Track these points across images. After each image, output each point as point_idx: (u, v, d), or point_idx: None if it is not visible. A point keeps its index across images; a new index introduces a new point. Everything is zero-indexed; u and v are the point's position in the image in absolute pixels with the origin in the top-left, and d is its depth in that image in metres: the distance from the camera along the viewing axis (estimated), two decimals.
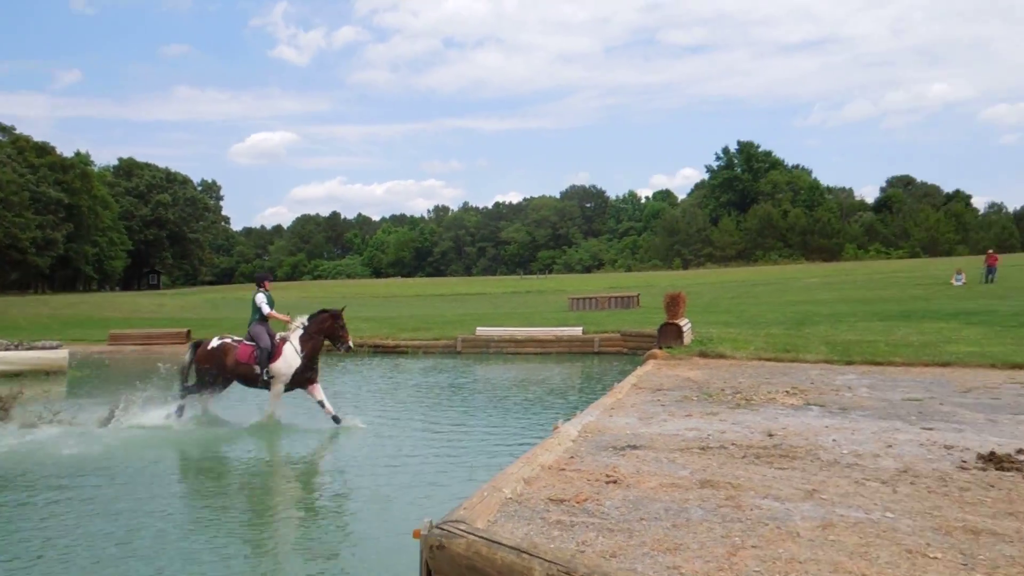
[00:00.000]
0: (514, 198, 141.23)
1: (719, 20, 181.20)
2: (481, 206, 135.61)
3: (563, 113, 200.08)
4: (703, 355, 12.99)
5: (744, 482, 4.85)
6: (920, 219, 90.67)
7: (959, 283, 32.20)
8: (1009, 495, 4.51)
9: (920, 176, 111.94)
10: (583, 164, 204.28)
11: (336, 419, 9.78)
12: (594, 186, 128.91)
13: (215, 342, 10.37)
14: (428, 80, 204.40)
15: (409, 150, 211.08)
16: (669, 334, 14.74)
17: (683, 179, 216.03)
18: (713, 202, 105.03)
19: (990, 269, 31.76)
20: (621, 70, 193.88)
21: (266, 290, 10.61)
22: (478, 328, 20.32)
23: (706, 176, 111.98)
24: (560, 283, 61.83)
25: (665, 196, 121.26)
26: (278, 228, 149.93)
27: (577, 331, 19.67)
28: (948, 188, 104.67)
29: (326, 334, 10.34)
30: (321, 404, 9.99)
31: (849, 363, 11.70)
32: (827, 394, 8.70)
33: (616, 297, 31.74)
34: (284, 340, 10.22)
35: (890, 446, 5.88)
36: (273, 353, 10.06)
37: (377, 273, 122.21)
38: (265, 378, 10.04)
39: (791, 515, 4.18)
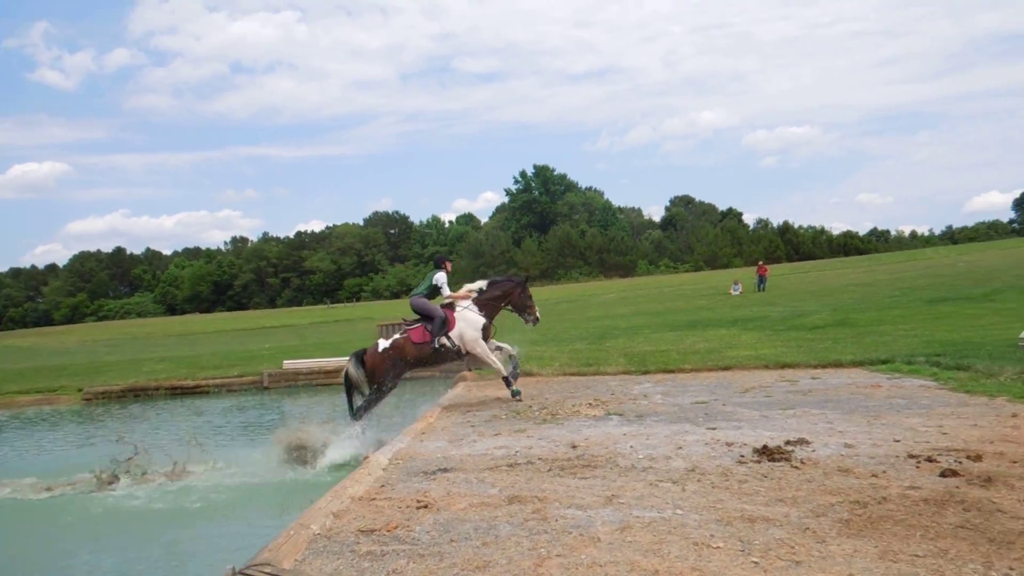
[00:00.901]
0: (316, 226, 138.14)
1: (509, 50, 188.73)
2: (283, 235, 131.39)
3: (362, 140, 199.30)
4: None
5: (550, 494, 5.04)
6: (701, 235, 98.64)
7: (736, 293, 35.35)
8: (779, 483, 5.01)
9: (698, 196, 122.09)
10: (385, 190, 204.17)
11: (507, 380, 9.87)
12: (397, 212, 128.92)
13: (385, 343, 10.09)
14: (216, 106, 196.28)
15: (200, 179, 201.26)
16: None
17: (484, 202, 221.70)
18: (515, 224, 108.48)
19: (761, 279, 35.05)
20: (418, 97, 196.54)
21: (447, 271, 10.51)
22: (285, 361, 19.63)
23: (506, 199, 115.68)
24: (369, 310, 61.10)
25: (468, 220, 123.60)
26: (52, 267, 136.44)
27: None
28: (722, 206, 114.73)
29: (512, 303, 10.34)
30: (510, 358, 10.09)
31: (645, 372, 12.45)
32: (626, 403, 9.22)
33: None
34: (451, 308, 10.18)
35: (680, 447, 6.34)
36: (447, 322, 9.93)
37: (172, 310, 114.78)
38: (441, 347, 9.86)
39: (593, 521, 4.40)
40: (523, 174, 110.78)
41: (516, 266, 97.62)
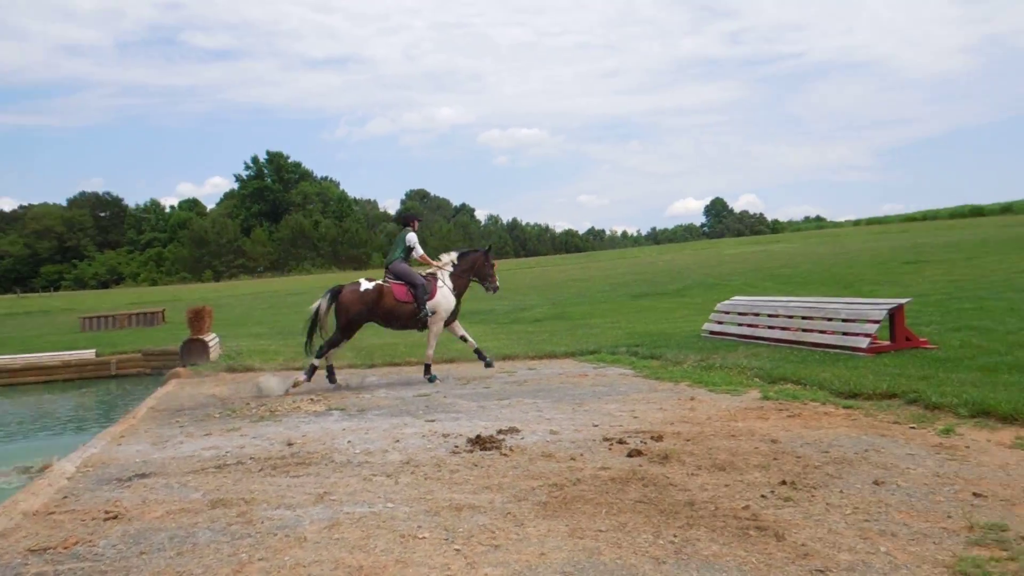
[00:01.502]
0: (7, 205, 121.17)
1: (245, 28, 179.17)
2: None
3: (69, 111, 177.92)
4: (231, 370, 12.64)
5: (258, 495, 4.83)
6: (435, 229, 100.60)
7: None
8: (488, 471, 5.23)
9: (434, 190, 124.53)
10: (96, 169, 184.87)
11: (482, 355, 10.44)
12: (109, 193, 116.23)
13: (368, 284, 9.96)
14: None
15: None
16: (194, 351, 14.09)
17: (212, 188, 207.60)
18: (244, 212, 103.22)
19: None
20: (139, 69, 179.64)
21: (415, 230, 10.36)
22: None
23: (236, 186, 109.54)
24: (71, 300, 54.80)
25: (192, 205, 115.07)
26: None
27: (89, 354, 17.67)
28: (456, 202, 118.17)
29: (476, 273, 10.49)
30: (464, 339, 10.51)
31: (372, 366, 12.44)
32: (349, 398, 9.13)
33: (137, 314, 29.24)
34: (434, 277, 10.19)
35: (398, 440, 6.40)
36: (428, 290, 9.98)
37: None
38: (424, 316, 9.94)
39: (301, 521, 4.28)
40: (255, 160, 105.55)
41: (244, 256, 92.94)
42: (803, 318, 11.08)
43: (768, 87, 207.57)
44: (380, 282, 10.06)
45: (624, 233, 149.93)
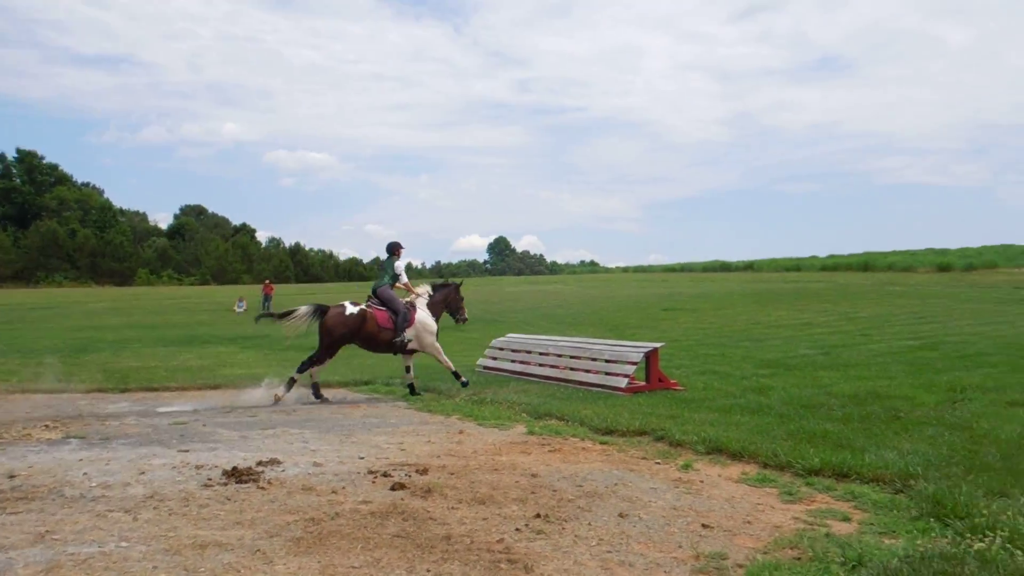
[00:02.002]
0: None
1: (2, 13, 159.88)
2: None
3: None
4: None
5: None
6: (211, 248, 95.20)
7: (241, 310, 34.83)
8: (241, 506, 4.94)
9: (212, 207, 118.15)
10: None
11: (412, 388, 10.86)
12: None
13: (353, 308, 10.56)
14: None
15: None
16: None
17: None
18: None
19: (267, 297, 35.03)
20: None
21: (399, 257, 11.14)
22: None
23: None
24: None
25: None
26: None
27: None
28: (237, 221, 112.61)
29: (447, 305, 11.43)
30: (408, 369, 10.99)
31: (124, 390, 11.44)
32: (92, 425, 8.30)
33: None
34: (412, 306, 10.94)
35: (143, 472, 5.89)
36: (407, 318, 10.70)
37: None
38: (400, 342, 10.67)
39: (14, 564, 3.79)
40: (2, 158, 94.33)
41: None
42: (571, 357, 11.66)
43: (552, 135, 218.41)
44: (364, 307, 10.67)
45: (409, 265, 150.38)
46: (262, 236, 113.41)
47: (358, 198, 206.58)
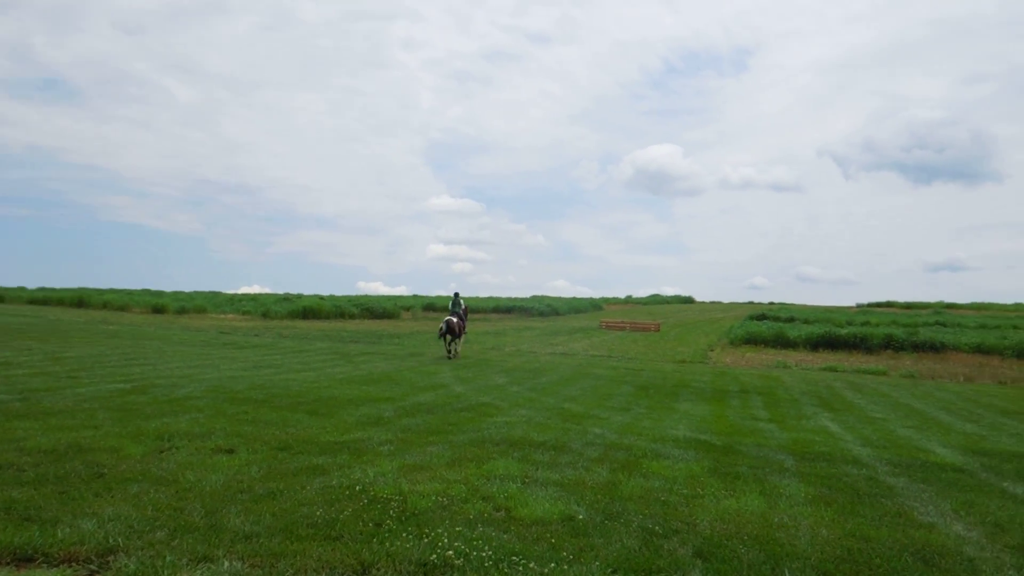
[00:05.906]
0: None
1: None
2: None
3: None
4: None
5: None
6: None
7: None
8: None
9: None
10: None
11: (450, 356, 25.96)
12: None
13: (453, 318, 25.43)
14: None
15: None
16: None
17: None
18: None
19: None
20: None
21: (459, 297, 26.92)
22: None
23: None
24: None
25: None
26: None
27: None
28: None
29: (463, 318, 26.71)
30: (457, 345, 26.35)
31: None
32: None
33: None
34: (460, 317, 26.52)
35: None
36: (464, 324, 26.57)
37: None
38: (460, 335, 26.05)
39: None
40: None
41: None
42: None
43: None
44: (452, 318, 25.64)
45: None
46: None
47: None
